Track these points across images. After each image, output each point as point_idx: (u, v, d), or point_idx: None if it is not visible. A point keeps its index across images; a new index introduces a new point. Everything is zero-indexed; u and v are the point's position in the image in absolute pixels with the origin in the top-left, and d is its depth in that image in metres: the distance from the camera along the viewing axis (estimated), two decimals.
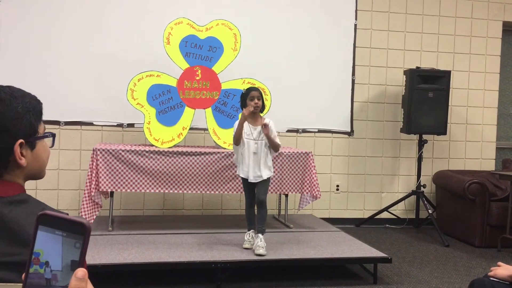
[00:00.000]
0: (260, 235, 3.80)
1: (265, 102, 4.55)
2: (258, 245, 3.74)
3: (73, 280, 0.68)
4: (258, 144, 3.81)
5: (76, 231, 0.67)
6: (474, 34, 5.90)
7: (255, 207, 3.93)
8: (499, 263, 2.11)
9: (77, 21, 5.00)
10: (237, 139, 3.81)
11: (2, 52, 4.88)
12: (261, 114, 3.97)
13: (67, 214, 0.72)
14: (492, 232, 4.90)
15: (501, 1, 5.92)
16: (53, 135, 1.27)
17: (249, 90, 3.88)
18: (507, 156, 6.08)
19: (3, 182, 1.15)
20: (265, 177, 3.82)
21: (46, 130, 1.27)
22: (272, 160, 4.01)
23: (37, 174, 1.24)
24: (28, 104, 1.18)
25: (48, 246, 0.67)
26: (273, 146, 3.83)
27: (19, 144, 1.15)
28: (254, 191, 3.91)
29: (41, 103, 1.23)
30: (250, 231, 3.93)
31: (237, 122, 3.85)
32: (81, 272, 0.68)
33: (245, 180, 3.90)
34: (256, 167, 3.81)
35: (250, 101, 3.81)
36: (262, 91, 4.36)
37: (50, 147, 1.27)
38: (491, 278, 2.04)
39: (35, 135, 1.19)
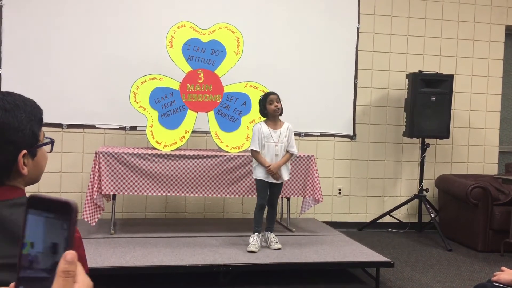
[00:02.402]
0: (271, 232, 4.01)
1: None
2: (274, 241, 3.98)
3: (61, 263, 0.63)
4: (278, 147, 3.90)
5: (64, 212, 0.66)
6: (477, 38, 5.89)
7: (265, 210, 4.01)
8: (503, 268, 2.10)
9: (80, 24, 5.02)
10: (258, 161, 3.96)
11: (5, 55, 4.89)
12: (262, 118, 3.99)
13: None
14: (495, 237, 4.88)
15: (503, 5, 5.92)
16: (52, 141, 1.27)
17: (267, 94, 4.00)
18: (510, 160, 6.07)
19: (4, 187, 1.15)
20: (285, 179, 4.00)
21: (48, 134, 1.27)
22: None
23: (35, 180, 1.24)
24: (30, 113, 1.18)
25: (34, 228, 0.66)
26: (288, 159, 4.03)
27: (22, 155, 1.15)
28: (267, 194, 3.97)
29: (42, 110, 1.23)
30: (255, 234, 3.92)
31: (256, 129, 3.96)
32: (70, 255, 0.63)
33: (261, 182, 3.92)
34: (279, 170, 3.92)
35: (270, 105, 3.88)
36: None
37: (48, 152, 1.27)
38: (495, 283, 2.03)
39: (36, 143, 1.19)
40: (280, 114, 4.00)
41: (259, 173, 3.92)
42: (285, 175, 3.98)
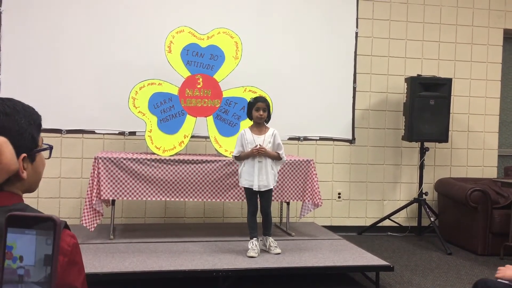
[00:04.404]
0: (269, 237, 3.98)
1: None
2: (273, 246, 3.95)
3: None
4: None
5: (46, 227, 0.66)
6: (475, 41, 5.91)
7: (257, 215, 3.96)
8: (508, 265, 2.10)
9: (79, 30, 5.03)
10: (241, 159, 3.90)
11: (5, 60, 4.90)
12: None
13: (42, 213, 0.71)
14: (495, 240, 4.88)
15: (501, 8, 5.94)
16: (51, 147, 1.28)
17: (256, 100, 3.93)
18: (509, 164, 6.07)
19: (3, 192, 1.15)
20: (271, 186, 3.88)
21: (47, 139, 1.27)
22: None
23: (34, 187, 1.25)
24: (29, 117, 1.19)
25: (21, 242, 0.67)
26: (274, 159, 3.89)
27: (22, 159, 1.16)
28: (257, 200, 3.92)
29: (40, 116, 1.24)
30: (253, 239, 3.92)
31: (240, 134, 3.91)
32: None
33: (248, 189, 3.91)
34: (262, 175, 3.85)
35: (256, 112, 3.86)
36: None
37: (46, 159, 1.28)
38: (499, 279, 2.04)
39: (35, 148, 1.20)
40: (266, 122, 3.96)
41: (244, 181, 3.91)
42: (271, 182, 3.88)
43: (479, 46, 5.92)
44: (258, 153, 3.81)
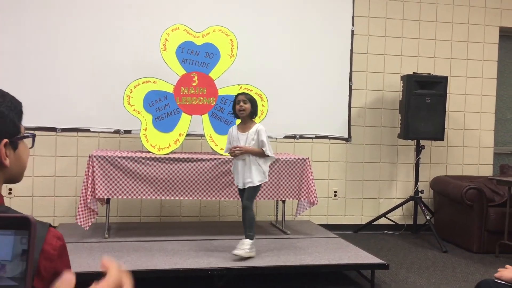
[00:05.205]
0: (246, 240, 3.75)
1: (262, 108, 4.55)
2: (239, 246, 3.70)
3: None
4: None
5: (22, 227, 0.66)
6: (471, 39, 5.91)
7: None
8: (507, 266, 2.10)
9: (74, 27, 5.00)
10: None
11: None
12: (258, 120, 3.96)
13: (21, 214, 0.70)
14: (490, 238, 4.88)
15: (497, 6, 5.94)
16: (34, 135, 1.25)
17: (237, 94, 3.89)
18: (505, 162, 6.07)
19: None
20: (256, 183, 3.75)
21: (42, 138, 1.25)
22: (269, 166, 3.98)
23: (18, 177, 1.22)
24: (10, 103, 1.16)
25: None
26: (257, 155, 3.76)
27: (4, 144, 1.13)
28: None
29: (21, 103, 1.21)
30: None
31: (228, 131, 3.91)
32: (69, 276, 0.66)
33: (238, 188, 3.90)
34: (246, 173, 3.77)
35: (236, 105, 3.80)
36: (259, 97, 4.36)
37: (30, 148, 1.25)
38: (496, 280, 2.04)
39: (18, 135, 1.18)
40: (252, 117, 3.83)
41: (235, 179, 3.90)
42: (256, 179, 3.74)
43: (475, 44, 5.91)
44: (235, 153, 3.75)
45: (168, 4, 5.16)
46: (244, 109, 3.77)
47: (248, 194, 3.80)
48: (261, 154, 3.76)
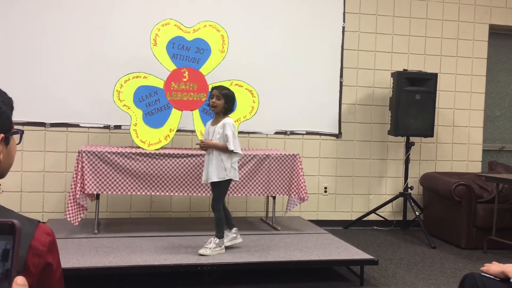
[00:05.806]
0: (213, 238, 3.73)
1: (252, 104, 4.55)
2: (205, 245, 3.70)
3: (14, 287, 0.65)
4: None
5: (6, 232, 0.65)
6: (461, 37, 5.94)
7: (223, 206, 3.85)
8: (494, 262, 2.14)
9: (63, 22, 4.96)
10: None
11: None
12: (249, 116, 3.96)
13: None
14: (478, 234, 4.93)
15: (487, 4, 5.97)
16: (22, 132, 1.24)
17: (212, 88, 3.85)
18: (493, 158, 6.13)
19: None
20: (214, 179, 3.65)
21: (31, 133, 1.24)
22: (246, 163, 3.94)
23: (5, 172, 1.21)
24: (3, 97, 1.16)
25: None
26: (220, 150, 3.67)
27: (0, 139, 1.12)
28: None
29: (12, 98, 1.20)
30: (226, 230, 3.87)
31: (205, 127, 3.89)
32: (20, 279, 0.66)
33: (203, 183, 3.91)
34: (207, 167, 3.71)
35: (210, 99, 3.75)
36: (249, 92, 4.35)
37: (17, 144, 1.25)
38: (483, 273, 2.08)
39: (10, 130, 1.17)
40: (226, 113, 3.73)
41: None
42: (214, 175, 3.65)
43: (465, 41, 5.95)
44: (201, 147, 3.74)
45: None
46: (215, 106, 3.69)
47: (213, 193, 3.78)
48: (225, 149, 3.65)
